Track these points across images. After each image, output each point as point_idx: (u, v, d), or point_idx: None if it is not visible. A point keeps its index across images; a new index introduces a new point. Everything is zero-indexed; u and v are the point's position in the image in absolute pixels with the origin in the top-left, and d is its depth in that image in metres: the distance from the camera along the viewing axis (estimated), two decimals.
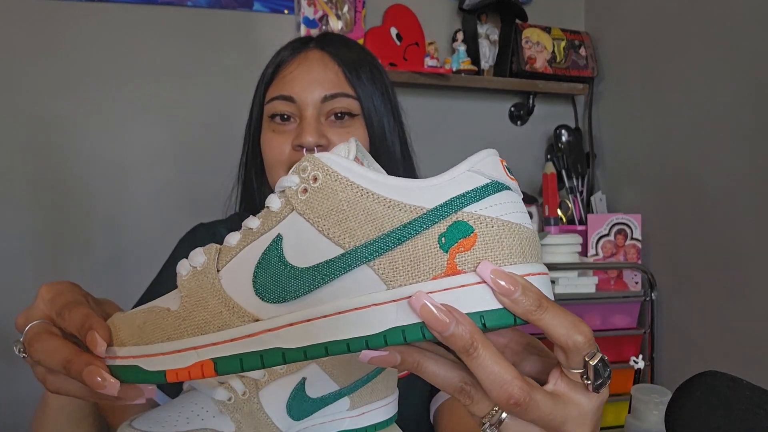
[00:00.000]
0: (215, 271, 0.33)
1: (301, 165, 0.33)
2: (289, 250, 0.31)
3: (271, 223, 0.32)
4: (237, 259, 0.33)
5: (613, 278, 1.61)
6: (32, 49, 1.45)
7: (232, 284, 0.33)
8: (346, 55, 0.74)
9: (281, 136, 0.72)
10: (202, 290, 0.33)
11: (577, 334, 0.30)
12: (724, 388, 0.46)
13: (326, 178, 0.31)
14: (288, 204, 0.32)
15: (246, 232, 0.34)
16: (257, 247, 0.33)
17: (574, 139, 1.80)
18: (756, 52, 1.28)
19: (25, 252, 1.45)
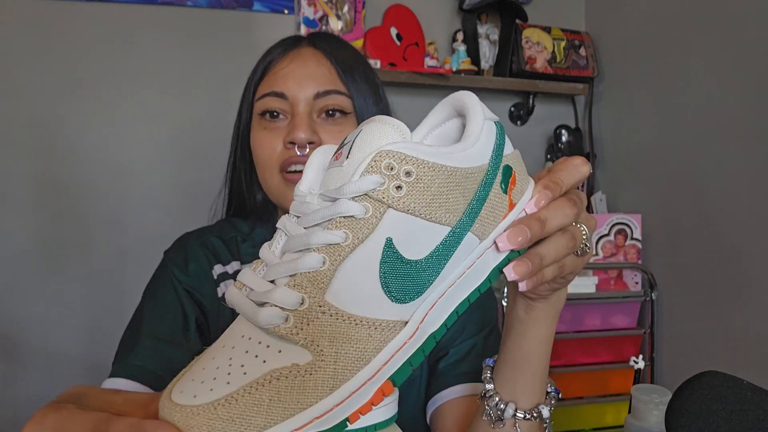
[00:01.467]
0: (323, 301, 0.30)
1: (382, 163, 0.30)
2: (404, 248, 0.31)
3: (366, 230, 0.30)
4: (340, 278, 0.30)
5: (613, 278, 1.61)
6: (32, 49, 1.45)
7: (355, 304, 0.31)
8: (339, 53, 0.73)
9: (272, 133, 0.70)
10: (327, 326, 0.30)
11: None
12: (724, 388, 0.46)
13: (420, 169, 0.31)
14: (380, 205, 0.31)
15: (329, 250, 0.30)
16: (367, 258, 0.30)
17: (574, 139, 1.80)
18: (756, 51, 1.28)
19: (25, 252, 1.45)
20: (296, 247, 0.32)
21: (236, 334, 0.32)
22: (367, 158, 0.31)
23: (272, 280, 0.32)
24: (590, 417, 1.51)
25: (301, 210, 0.34)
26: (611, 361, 1.51)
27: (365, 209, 0.31)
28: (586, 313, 1.51)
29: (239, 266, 0.75)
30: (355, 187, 0.30)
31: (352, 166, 0.32)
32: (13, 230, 1.44)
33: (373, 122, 0.33)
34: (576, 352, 1.50)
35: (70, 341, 1.47)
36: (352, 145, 0.33)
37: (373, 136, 0.32)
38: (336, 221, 0.31)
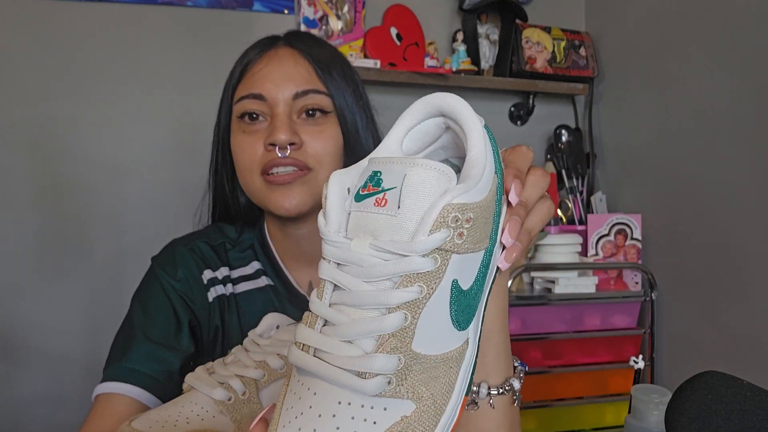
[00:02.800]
0: (412, 353, 0.32)
1: (449, 217, 0.31)
2: (463, 282, 0.34)
3: (437, 280, 0.32)
4: (421, 328, 0.32)
5: (613, 278, 1.61)
6: (32, 49, 1.45)
7: (435, 346, 0.33)
8: (316, 52, 0.72)
9: (252, 136, 0.69)
10: (420, 374, 0.32)
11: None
12: (724, 388, 0.46)
13: (476, 212, 0.33)
14: (446, 254, 0.32)
15: (408, 306, 0.32)
16: (439, 303, 0.32)
17: (574, 139, 1.80)
18: (756, 51, 1.28)
19: (25, 252, 1.45)
20: (365, 303, 0.32)
21: (329, 400, 0.31)
22: (431, 213, 0.31)
23: (348, 340, 0.32)
24: (590, 417, 1.51)
25: (348, 259, 0.33)
26: (611, 361, 1.51)
27: (435, 261, 0.32)
28: (586, 313, 1.51)
29: (228, 272, 0.75)
30: (426, 244, 0.31)
31: (412, 220, 0.32)
32: (13, 230, 1.44)
33: (415, 167, 0.32)
34: (576, 352, 1.50)
35: (70, 341, 1.47)
36: (401, 194, 0.32)
37: (424, 185, 0.32)
38: (409, 278, 0.31)
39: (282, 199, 0.68)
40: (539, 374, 1.47)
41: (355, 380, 0.31)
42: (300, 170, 0.68)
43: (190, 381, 0.52)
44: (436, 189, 0.32)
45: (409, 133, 0.39)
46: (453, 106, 0.37)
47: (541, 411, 1.48)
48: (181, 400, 0.50)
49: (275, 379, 0.51)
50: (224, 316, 0.73)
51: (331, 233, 0.34)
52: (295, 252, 0.75)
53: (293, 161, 0.67)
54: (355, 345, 0.32)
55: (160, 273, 0.72)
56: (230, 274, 0.75)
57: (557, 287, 1.46)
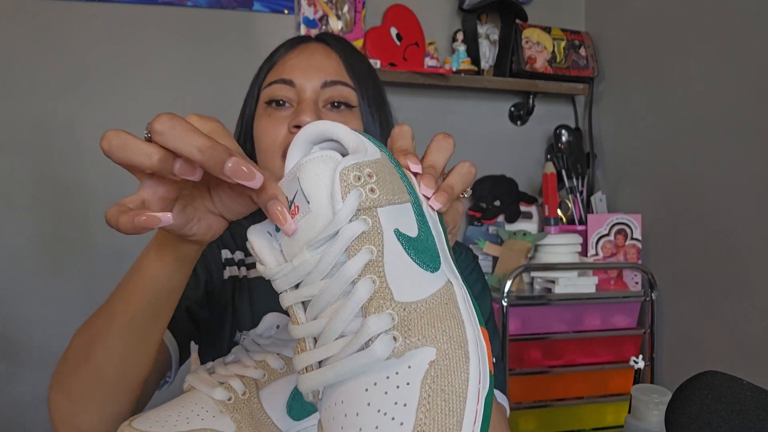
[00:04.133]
0: (399, 304, 0.32)
1: (350, 178, 0.33)
2: (406, 230, 0.35)
3: (379, 235, 0.34)
4: (392, 282, 0.33)
5: (613, 278, 1.61)
6: (32, 49, 1.45)
7: (417, 292, 0.33)
8: (347, 51, 0.74)
9: (277, 120, 0.70)
10: (419, 318, 0.32)
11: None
12: (724, 388, 0.46)
13: (373, 167, 0.35)
14: (371, 211, 0.34)
15: (367, 268, 0.33)
16: (396, 254, 0.34)
17: (574, 139, 1.80)
18: (756, 51, 1.28)
19: (25, 252, 1.45)
20: (332, 296, 0.32)
21: (356, 393, 0.31)
22: (334, 185, 0.33)
23: (341, 335, 0.32)
24: (590, 417, 1.51)
25: (297, 276, 0.34)
26: (611, 361, 1.51)
27: (365, 222, 0.33)
28: (586, 313, 1.51)
29: (243, 256, 0.77)
30: (346, 211, 0.32)
31: (324, 201, 0.33)
32: (13, 230, 1.44)
33: (302, 166, 0.34)
34: (576, 352, 1.50)
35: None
36: (303, 192, 0.34)
37: (317, 173, 0.34)
38: (353, 246, 0.32)
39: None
40: (539, 374, 1.47)
41: (362, 356, 0.30)
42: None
43: (191, 381, 0.52)
44: (327, 169, 0.33)
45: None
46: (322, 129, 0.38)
47: (541, 411, 1.48)
48: (181, 400, 0.50)
49: (275, 378, 0.52)
50: (235, 296, 0.74)
51: (272, 268, 0.35)
52: None
53: None
54: (347, 334, 0.32)
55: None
56: (244, 258, 0.77)
57: (557, 287, 1.46)
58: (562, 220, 1.71)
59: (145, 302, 0.48)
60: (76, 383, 0.52)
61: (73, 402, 0.52)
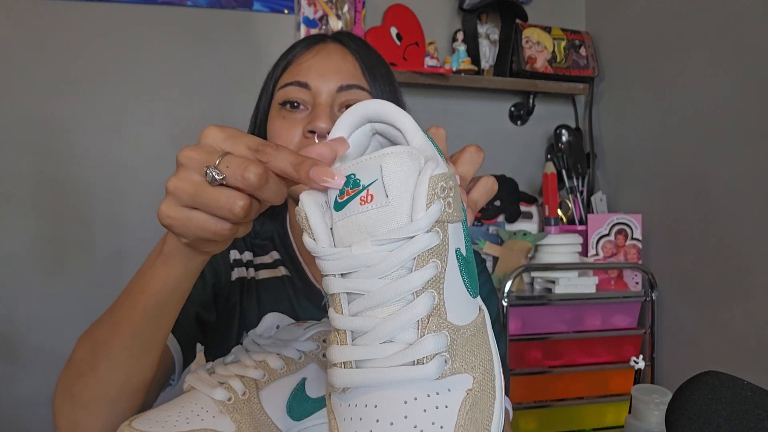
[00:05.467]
0: (451, 326, 0.33)
1: (437, 188, 0.33)
2: (462, 250, 0.35)
3: (445, 251, 0.33)
4: (449, 301, 0.33)
5: (613, 278, 1.61)
6: (32, 49, 1.45)
7: (464, 316, 0.34)
8: (364, 52, 0.73)
9: (291, 122, 0.69)
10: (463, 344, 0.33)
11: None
12: (724, 388, 0.46)
13: (453, 180, 0.35)
14: (444, 225, 0.34)
15: (431, 284, 0.32)
16: (454, 273, 0.33)
17: (574, 139, 1.79)
18: (756, 51, 1.28)
19: (25, 252, 1.45)
20: (389, 299, 0.31)
21: (393, 404, 0.31)
22: (421, 188, 0.32)
23: (388, 340, 0.31)
24: (590, 417, 1.51)
25: (356, 264, 0.32)
26: (611, 361, 1.51)
27: (438, 234, 0.32)
28: (586, 313, 1.51)
29: (251, 257, 0.77)
30: (427, 220, 0.31)
31: (405, 201, 0.32)
32: (13, 230, 1.44)
33: (389, 156, 0.33)
34: (576, 352, 1.50)
35: (70, 341, 1.46)
36: (384, 183, 0.32)
37: (403, 168, 0.32)
38: (422, 257, 0.31)
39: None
40: (539, 374, 1.47)
41: (413, 371, 0.30)
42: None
43: (191, 381, 0.52)
44: (413, 168, 0.33)
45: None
46: (380, 109, 0.37)
47: (542, 411, 1.48)
48: (181, 400, 0.50)
49: (275, 379, 0.52)
50: (243, 297, 0.74)
51: (325, 248, 0.33)
52: None
53: None
54: (396, 341, 0.31)
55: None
56: (253, 259, 0.77)
57: (557, 287, 1.46)
58: (562, 220, 1.71)
59: (150, 313, 0.48)
60: (82, 392, 0.52)
61: (79, 409, 0.53)
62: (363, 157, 0.33)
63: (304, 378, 0.52)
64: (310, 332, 0.54)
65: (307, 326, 0.55)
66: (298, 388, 0.52)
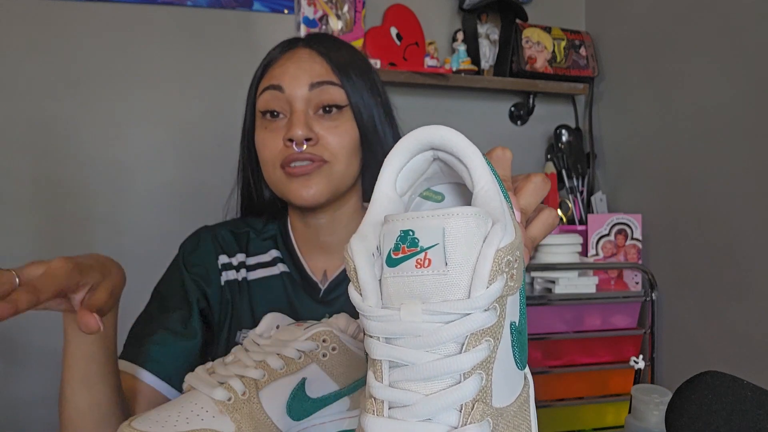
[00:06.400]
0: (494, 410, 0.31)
1: (503, 262, 0.30)
2: (517, 322, 0.33)
3: (500, 329, 0.31)
4: (496, 382, 0.31)
5: (613, 278, 1.61)
6: (32, 49, 1.45)
7: (509, 395, 0.32)
8: (333, 53, 0.76)
9: (272, 133, 0.73)
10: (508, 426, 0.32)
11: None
12: (724, 388, 0.46)
13: (520, 248, 0.31)
14: (503, 301, 0.31)
15: (482, 366, 0.30)
16: (505, 350, 0.31)
17: (574, 139, 1.80)
18: (756, 51, 1.28)
19: (26, 252, 1.45)
20: (434, 376, 0.29)
21: None
22: (484, 263, 0.29)
23: (428, 419, 0.29)
24: (590, 417, 1.51)
25: (404, 331, 0.30)
26: (611, 361, 1.51)
27: (496, 311, 0.30)
28: (586, 313, 1.51)
29: (244, 258, 0.80)
30: (487, 299, 0.29)
31: (464, 274, 0.29)
32: (13, 230, 1.44)
33: (453, 218, 0.30)
34: (576, 352, 1.50)
35: None
36: (445, 250, 0.30)
37: (468, 236, 0.30)
38: (475, 336, 0.29)
39: (301, 189, 0.72)
40: (539, 374, 1.47)
41: None
42: (315, 162, 0.72)
43: (190, 381, 0.52)
44: (478, 236, 0.30)
45: (401, 173, 0.36)
46: (447, 139, 0.35)
47: (542, 411, 1.48)
48: (181, 400, 0.50)
49: (275, 378, 0.52)
50: (234, 299, 0.78)
51: (372, 308, 0.31)
52: (315, 242, 0.80)
53: (310, 155, 0.71)
54: (435, 421, 0.29)
55: (180, 258, 0.79)
56: (246, 260, 0.80)
57: (557, 287, 1.46)
58: (562, 220, 1.71)
59: (80, 374, 0.59)
60: (67, 423, 0.64)
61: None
62: (424, 213, 0.30)
63: (304, 378, 0.52)
64: (310, 332, 0.54)
65: (307, 326, 0.55)
66: (298, 388, 0.52)
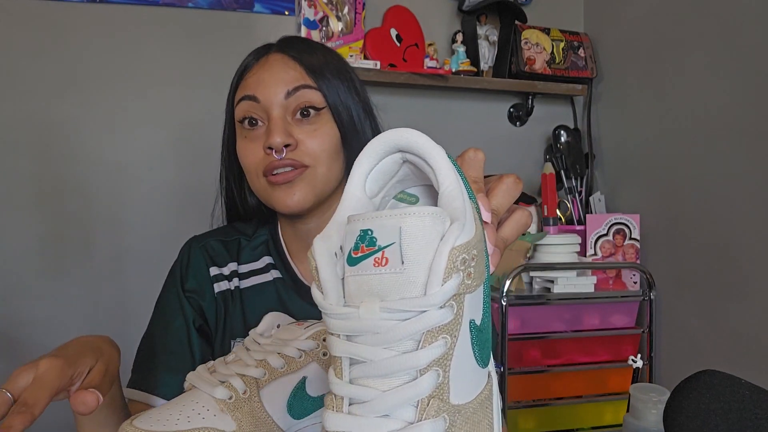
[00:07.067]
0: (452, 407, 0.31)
1: (458, 260, 0.30)
2: (477, 320, 0.33)
3: (457, 325, 0.31)
4: (454, 379, 0.31)
5: (611, 278, 1.62)
6: (32, 49, 1.45)
7: (469, 392, 0.32)
8: (306, 55, 0.75)
9: (252, 142, 0.72)
10: (463, 426, 0.32)
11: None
12: (722, 387, 0.47)
13: (477, 247, 0.32)
14: (460, 297, 0.31)
15: (438, 362, 0.31)
16: (464, 347, 0.31)
17: (573, 139, 1.80)
18: (755, 52, 1.29)
19: (26, 252, 1.45)
20: (391, 372, 0.30)
21: None
22: (440, 261, 0.30)
23: (385, 414, 0.30)
24: (589, 416, 1.51)
25: (362, 328, 0.31)
26: (610, 360, 1.52)
27: (452, 308, 0.30)
28: (584, 313, 1.51)
29: (236, 266, 0.79)
30: (442, 296, 0.29)
31: (420, 272, 0.30)
32: (13, 230, 1.45)
33: (410, 217, 0.31)
34: (575, 351, 1.50)
35: None
36: (401, 248, 0.30)
37: (424, 234, 0.30)
38: (432, 333, 0.30)
39: (284, 197, 0.71)
40: (538, 373, 1.47)
41: None
42: (297, 169, 0.71)
43: (192, 380, 0.52)
44: (435, 235, 0.30)
45: (370, 175, 0.37)
46: (413, 141, 0.35)
47: (540, 410, 1.48)
48: (183, 399, 0.50)
49: (276, 377, 0.52)
50: (227, 309, 0.77)
51: (332, 306, 0.31)
52: (304, 246, 0.79)
53: (290, 161, 0.70)
54: (392, 417, 0.30)
55: (175, 276, 0.78)
56: (238, 268, 0.79)
57: (556, 287, 1.46)
58: (561, 220, 1.71)
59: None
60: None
61: None
62: (383, 213, 0.31)
63: (305, 377, 0.52)
64: (310, 331, 0.54)
65: (307, 325, 0.55)
66: (299, 386, 0.52)
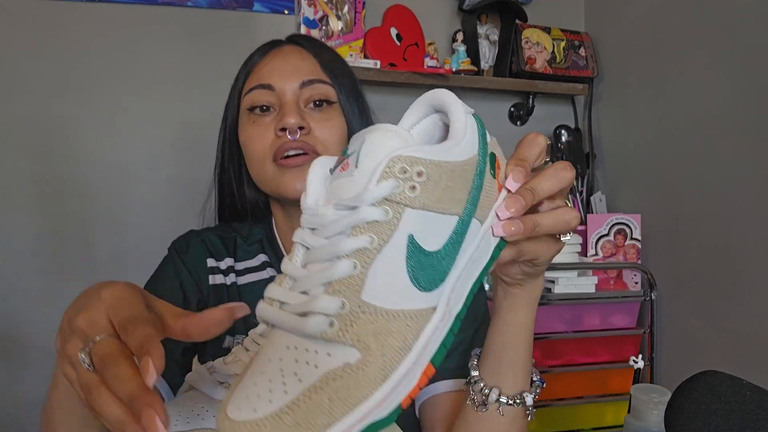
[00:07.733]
0: (361, 302, 0.32)
1: (396, 168, 0.33)
2: (424, 241, 0.34)
3: (389, 231, 0.33)
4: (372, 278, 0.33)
5: (612, 278, 1.61)
6: (32, 49, 1.45)
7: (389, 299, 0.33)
8: (319, 51, 0.75)
9: (262, 126, 0.71)
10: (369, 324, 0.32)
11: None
12: (723, 387, 0.47)
13: (429, 168, 0.34)
14: (398, 206, 0.33)
15: (358, 254, 0.33)
16: (394, 256, 0.33)
17: (573, 139, 1.80)
18: (756, 52, 1.29)
19: (26, 252, 1.45)
20: (322, 257, 0.34)
21: (279, 346, 0.33)
22: (380, 165, 0.33)
23: (304, 291, 0.34)
24: (590, 417, 1.51)
25: (316, 222, 0.35)
26: (611, 360, 1.52)
27: (386, 212, 0.33)
28: (585, 313, 1.51)
29: (232, 263, 0.78)
30: (374, 194, 0.33)
31: (365, 174, 0.34)
32: (13, 230, 1.44)
33: (375, 131, 0.35)
34: (576, 351, 1.50)
35: None
36: (359, 155, 0.34)
37: (379, 144, 0.34)
38: (360, 227, 0.33)
39: (294, 180, 0.70)
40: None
41: (295, 320, 0.32)
42: (308, 154, 0.70)
43: (191, 380, 0.52)
44: (390, 147, 0.34)
45: (412, 131, 0.40)
46: (441, 99, 0.38)
47: (541, 411, 1.48)
48: (181, 400, 0.50)
49: None
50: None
51: (308, 203, 0.36)
52: None
53: (303, 144, 0.70)
54: (309, 295, 0.33)
55: (174, 256, 0.76)
56: (234, 265, 0.78)
57: (557, 287, 1.46)
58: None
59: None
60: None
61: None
62: (361, 131, 0.36)
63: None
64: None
65: None
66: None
